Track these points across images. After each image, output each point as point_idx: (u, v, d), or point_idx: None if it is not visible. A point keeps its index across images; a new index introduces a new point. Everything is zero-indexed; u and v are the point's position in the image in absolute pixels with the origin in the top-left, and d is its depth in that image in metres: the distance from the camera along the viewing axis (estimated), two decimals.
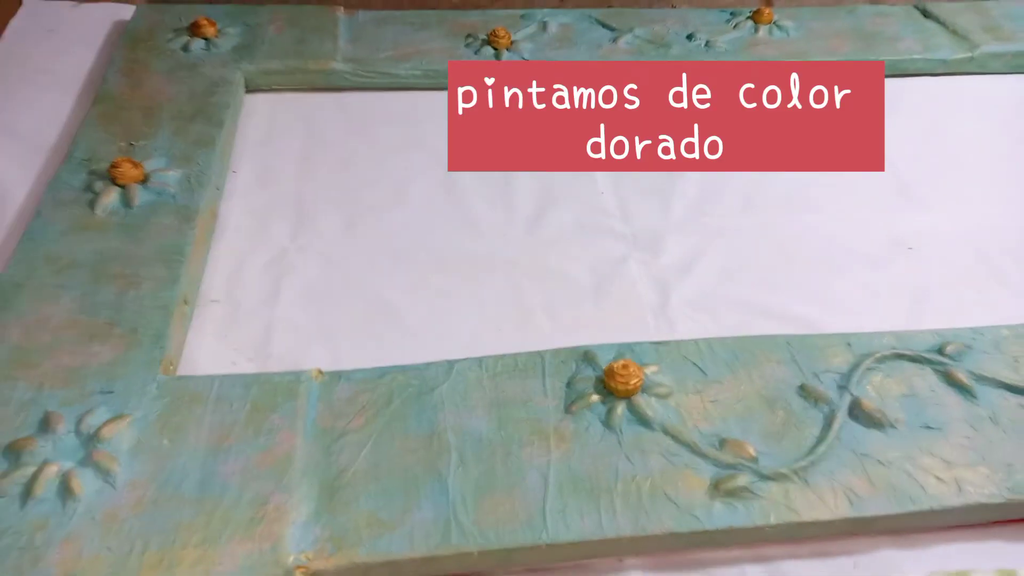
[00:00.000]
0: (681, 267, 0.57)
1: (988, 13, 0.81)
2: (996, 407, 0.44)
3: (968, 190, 0.65)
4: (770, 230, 0.60)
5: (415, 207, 0.61)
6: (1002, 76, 0.77)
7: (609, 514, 0.39)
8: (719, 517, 0.39)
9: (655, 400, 0.44)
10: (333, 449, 0.41)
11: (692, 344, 0.47)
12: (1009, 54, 0.77)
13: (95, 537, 0.37)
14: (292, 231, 0.58)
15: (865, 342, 0.47)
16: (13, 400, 0.43)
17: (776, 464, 0.41)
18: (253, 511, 0.38)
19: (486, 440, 0.42)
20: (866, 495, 0.40)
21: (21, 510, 0.38)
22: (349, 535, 0.38)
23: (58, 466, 0.39)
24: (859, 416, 0.43)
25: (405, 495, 0.40)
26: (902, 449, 0.42)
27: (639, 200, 0.62)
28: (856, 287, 0.56)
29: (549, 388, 0.45)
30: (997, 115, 0.73)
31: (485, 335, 0.51)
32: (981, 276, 0.57)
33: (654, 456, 0.41)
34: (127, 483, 0.39)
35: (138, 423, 0.42)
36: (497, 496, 0.40)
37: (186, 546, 0.37)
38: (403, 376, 0.45)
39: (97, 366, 0.44)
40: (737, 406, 0.44)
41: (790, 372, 0.46)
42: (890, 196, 0.64)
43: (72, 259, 0.50)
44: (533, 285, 0.55)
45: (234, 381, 0.44)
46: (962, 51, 0.76)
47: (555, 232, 0.59)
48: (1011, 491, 0.41)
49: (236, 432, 0.42)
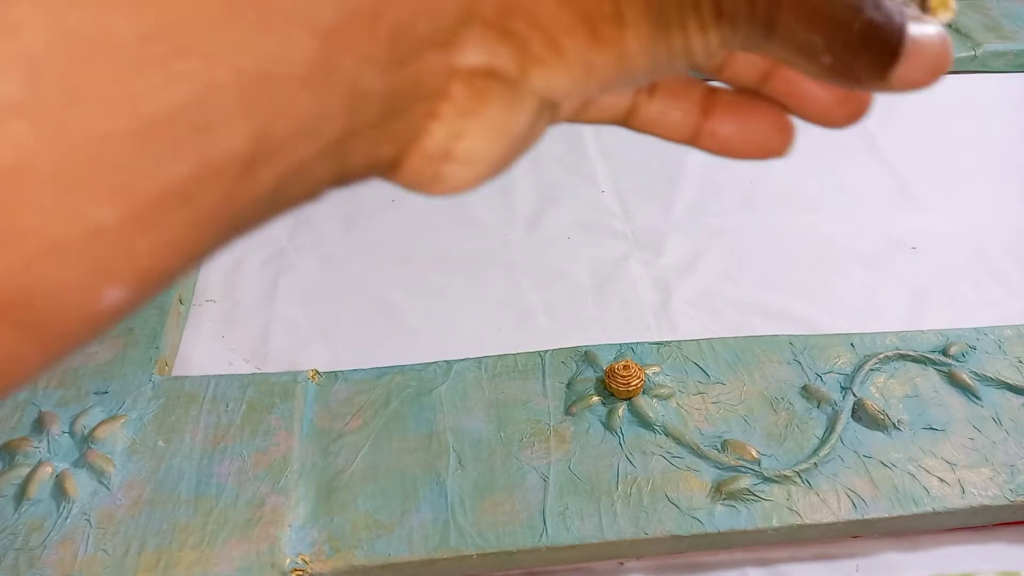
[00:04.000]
0: (682, 267, 0.56)
1: (990, 12, 0.81)
2: (999, 408, 0.44)
3: (969, 189, 0.64)
4: (771, 230, 0.60)
5: (414, 206, 0.61)
6: (1004, 75, 0.77)
7: (610, 516, 0.39)
8: (721, 519, 0.39)
9: (656, 401, 0.44)
10: (331, 450, 0.41)
11: (694, 344, 0.47)
12: (1011, 53, 0.76)
13: (91, 538, 0.37)
14: (290, 230, 0.58)
15: (868, 342, 0.47)
16: (8, 400, 0.42)
17: (778, 466, 0.41)
18: (250, 512, 0.38)
19: (485, 441, 0.42)
20: (869, 497, 0.40)
21: (16, 511, 0.38)
22: (347, 537, 0.38)
23: (52, 467, 0.39)
24: (862, 417, 0.43)
25: (403, 497, 0.39)
26: (905, 451, 0.42)
27: (640, 199, 0.62)
28: (856, 287, 0.56)
29: (549, 389, 0.44)
30: (999, 114, 0.73)
31: (484, 335, 0.51)
32: (981, 276, 0.57)
33: (655, 458, 0.41)
34: (122, 484, 0.39)
35: (133, 423, 0.41)
36: (496, 498, 0.39)
37: (182, 547, 0.37)
38: (401, 376, 0.45)
39: (93, 366, 0.44)
40: (739, 407, 0.44)
41: (793, 373, 0.46)
42: (890, 196, 0.64)
43: None
44: (533, 285, 0.55)
45: (230, 381, 0.44)
46: (964, 50, 0.75)
47: (555, 232, 0.59)
48: (1014, 493, 0.40)
49: (232, 433, 0.41)
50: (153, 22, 0.11)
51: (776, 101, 0.19)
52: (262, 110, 0.12)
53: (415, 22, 0.13)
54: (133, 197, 0.11)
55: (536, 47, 0.14)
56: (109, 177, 0.11)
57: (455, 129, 0.15)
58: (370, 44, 0.13)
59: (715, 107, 0.19)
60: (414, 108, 0.14)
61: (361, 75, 0.13)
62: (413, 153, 0.15)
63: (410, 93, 0.14)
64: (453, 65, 0.14)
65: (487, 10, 0.14)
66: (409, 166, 0.15)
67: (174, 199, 0.12)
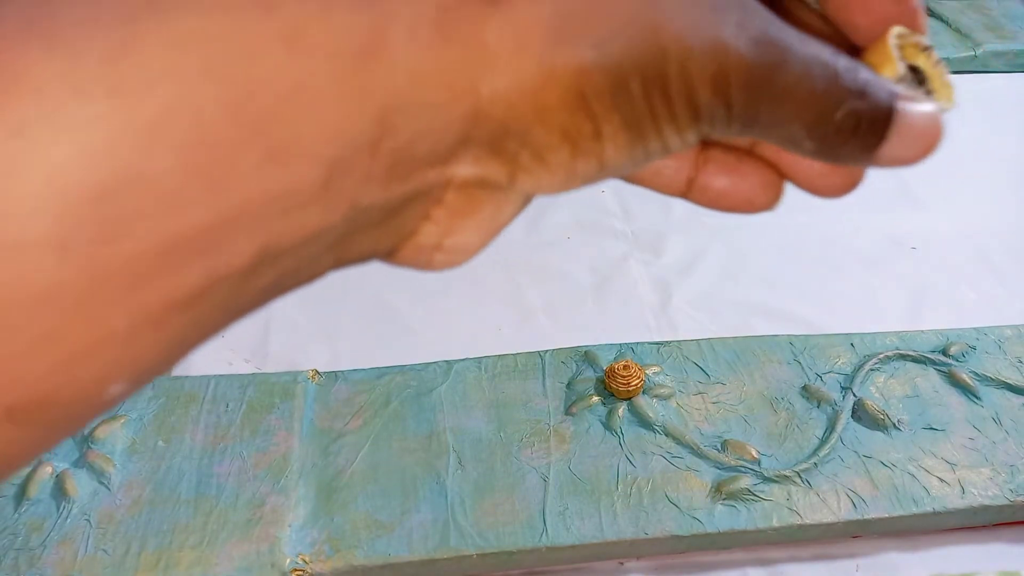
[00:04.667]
0: (682, 267, 0.56)
1: (990, 12, 0.81)
2: (999, 408, 0.44)
3: (969, 189, 0.64)
4: (771, 230, 0.60)
5: None
6: (1004, 75, 0.77)
7: (610, 516, 0.39)
8: (721, 519, 0.39)
9: (656, 401, 0.44)
10: (331, 450, 0.41)
11: (694, 344, 0.47)
12: (1011, 53, 0.76)
13: (91, 538, 0.37)
14: None
15: (868, 342, 0.47)
16: None
17: (779, 466, 0.41)
18: (250, 513, 0.38)
19: (485, 441, 0.42)
20: (869, 497, 0.40)
21: (16, 511, 0.38)
22: (347, 537, 0.38)
23: (52, 467, 0.39)
24: (862, 417, 0.43)
25: (403, 497, 0.39)
26: (905, 451, 0.42)
27: (640, 199, 0.62)
28: (856, 287, 0.56)
29: (549, 389, 0.44)
30: (999, 114, 0.73)
31: (484, 335, 0.51)
32: (981, 276, 0.57)
33: (655, 458, 0.41)
34: (122, 484, 0.39)
35: (133, 423, 0.41)
36: (496, 498, 0.39)
37: (183, 547, 0.37)
38: (401, 376, 0.45)
39: None
40: (739, 407, 0.44)
41: (793, 373, 0.46)
42: (890, 196, 0.64)
43: None
44: (533, 285, 0.55)
45: (230, 381, 0.44)
46: (964, 50, 0.75)
47: (555, 232, 0.59)
48: (1014, 493, 0.40)
49: (232, 433, 0.41)
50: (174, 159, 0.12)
51: (767, 162, 0.19)
52: (267, 230, 0.13)
53: (414, 147, 0.14)
54: (144, 308, 0.12)
55: (525, 160, 0.15)
56: (125, 293, 0.12)
57: (447, 228, 0.16)
58: (371, 167, 0.14)
59: (707, 163, 0.19)
60: (410, 211, 0.15)
61: (362, 193, 0.14)
62: (407, 246, 0.17)
63: (407, 201, 0.15)
64: (448, 177, 0.15)
65: (483, 133, 0.15)
66: (403, 256, 0.17)
67: (181, 306, 0.13)
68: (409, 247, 0.17)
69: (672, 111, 0.15)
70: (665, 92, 0.15)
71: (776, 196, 0.19)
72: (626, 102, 0.15)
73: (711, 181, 0.19)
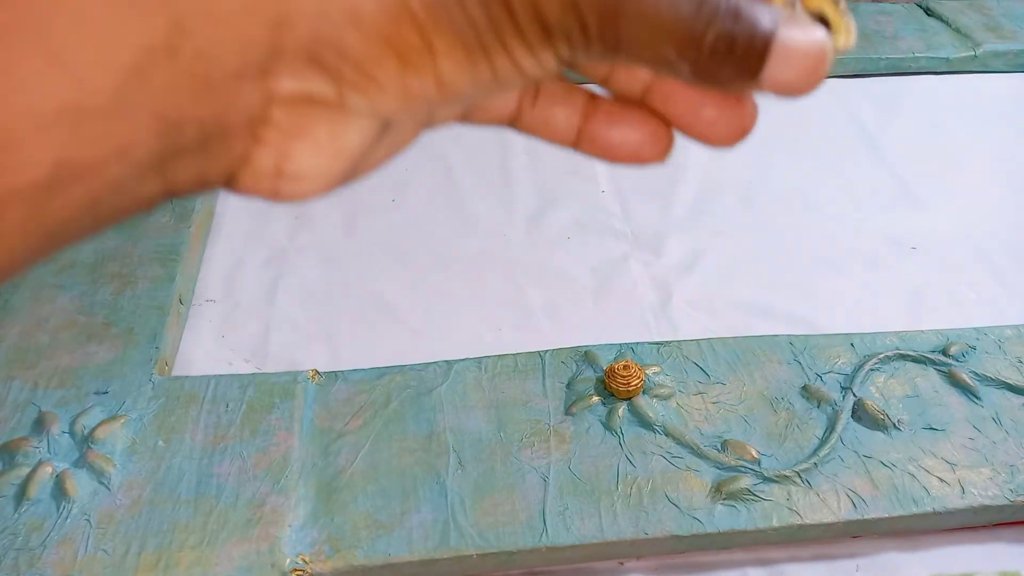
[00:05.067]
0: (682, 267, 0.56)
1: (990, 12, 0.81)
2: (999, 408, 0.44)
3: (969, 189, 0.64)
4: (770, 230, 0.60)
5: (414, 206, 0.61)
6: (1004, 75, 0.76)
7: (610, 516, 0.39)
8: (721, 519, 0.39)
9: (656, 401, 0.43)
10: (331, 450, 0.41)
11: (694, 344, 0.47)
12: (1011, 53, 0.76)
13: (91, 538, 0.37)
14: (290, 230, 0.58)
15: (868, 342, 0.47)
16: (8, 400, 0.42)
17: (778, 466, 0.41)
18: (250, 513, 0.38)
19: (485, 441, 0.42)
20: (869, 497, 0.40)
21: (16, 511, 0.38)
22: (347, 537, 0.38)
23: (52, 467, 0.39)
24: (862, 417, 0.43)
25: (403, 497, 0.39)
26: (905, 451, 0.42)
27: (640, 199, 0.62)
28: (856, 287, 0.56)
29: (549, 389, 0.44)
30: (999, 114, 0.73)
31: (484, 335, 0.51)
32: (981, 276, 0.57)
33: (655, 458, 0.41)
34: (122, 484, 0.39)
35: (133, 424, 0.41)
36: (496, 498, 0.39)
37: (183, 548, 0.37)
38: (401, 376, 0.45)
39: (93, 366, 0.44)
40: (739, 407, 0.44)
41: (793, 373, 0.46)
42: (890, 196, 0.64)
43: (72, 258, 0.50)
44: (533, 285, 0.55)
45: (230, 381, 0.44)
46: (964, 50, 0.75)
47: (555, 232, 0.59)
48: (1014, 493, 0.40)
49: (232, 433, 0.41)
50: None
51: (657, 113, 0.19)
52: (59, 140, 0.13)
53: (220, 56, 0.14)
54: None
55: (349, 75, 0.15)
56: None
57: (282, 151, 0.16)
58: (173, 77, 0.13)
59: (596, 113, 0.19)
60: (235, 133, 0.15)
61: (168, 104, 0.14)
62: (244, 173, 0.16)
63: (228, 119, 0.15)
64: (269, 93, 0.15)
65: (294, 44, 0.14)
66: (243, 183, 0.16)
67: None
68: (247, 174, 0.16)
69: (517, 25, 0.14)
70: (506, 2, 0.14)
71: (665, 148, 0.19)
72: (459, 12, 0.14)
73: (599, 131, 0.19)
